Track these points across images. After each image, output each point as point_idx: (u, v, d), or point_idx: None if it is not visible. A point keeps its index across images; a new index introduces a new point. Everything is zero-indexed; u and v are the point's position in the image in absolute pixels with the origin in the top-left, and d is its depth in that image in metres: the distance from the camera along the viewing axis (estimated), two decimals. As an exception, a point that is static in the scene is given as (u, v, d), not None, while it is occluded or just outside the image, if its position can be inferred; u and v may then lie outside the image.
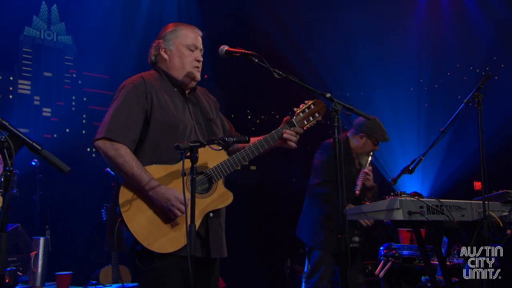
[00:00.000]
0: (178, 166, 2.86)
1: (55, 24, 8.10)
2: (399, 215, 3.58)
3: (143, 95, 2.95)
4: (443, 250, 4.30)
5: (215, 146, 2.86)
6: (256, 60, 2.94)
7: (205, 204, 2.91)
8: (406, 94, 9.31)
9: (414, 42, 9.28)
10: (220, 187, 2.96)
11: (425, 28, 9.22)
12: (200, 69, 3.16)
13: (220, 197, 2.95)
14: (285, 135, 3.08)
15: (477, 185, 8.73)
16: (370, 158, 4.89)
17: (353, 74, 9.24)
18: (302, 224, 5.01)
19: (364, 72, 9.20)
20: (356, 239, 4.82)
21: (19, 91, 7.72)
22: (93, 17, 7.99)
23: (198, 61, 3.13)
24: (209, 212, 2.94)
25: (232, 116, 8.94)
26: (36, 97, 7.84)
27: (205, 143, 2.68)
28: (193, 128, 3.03)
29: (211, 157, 2.94)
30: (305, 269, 5.85)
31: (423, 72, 9.29)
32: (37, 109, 7.83)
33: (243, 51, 2.99)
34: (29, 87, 7.80)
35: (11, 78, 7.69)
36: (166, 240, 2.79)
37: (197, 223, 2.85)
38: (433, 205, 3.72)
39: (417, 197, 3.70)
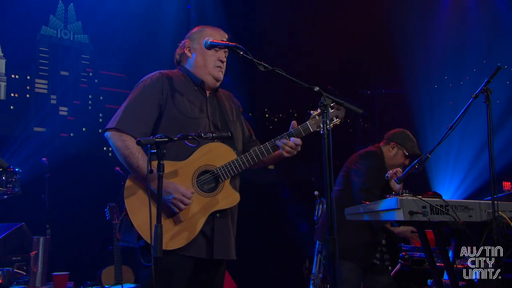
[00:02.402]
0: (185, 163, 2.88)
1: (71, 23, 8.15)
2: (399, 216, 3.42)
3: (159, 90, 2.98)
4: (450, 252, 4.06)
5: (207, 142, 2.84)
6: (241, 53, 2.87)
7: (209, 204, 2.87)
8: (429, 91, 8.99)
9: (438, 37, 8.95)
10: (226, 187, 2.92)
11: (449, 22, 8.89)
12: (223, 70, 3.17)
13: (226, 197, 2.91)
14: (277, 143, 2.98)
15: (507, 185, 8.43)
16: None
17: (375, 72, 9.00)
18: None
19: (385, 69, 8.95)
20: (377, 255, 4.56)
21: (36, 90, 7.80)
22: (110, 15, 7.98)
23: (221, 61, 3.12)
24: (216, 212, 2.90)
25: (250, 114, 8.86)
26: (53, 96, 7.91)
27: (175, 138, 2.61)
28: (208, 127, 3.01)
29: (219, 156, 2.93)
30: (313, 271, 5.69)
31: (447, 68, 8.96)
32: (54, 108, 7.90)
33: (226, 43, 3.00)
34: (46, 86, 7.87)
35: (28, 78, 7.78)
36: (168, 236, 2.77)
37: (201, 222, 2.84)
38: (437, 205, 3.53)
39: (420, 197, 3.51)
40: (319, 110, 2.98)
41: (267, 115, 9.47)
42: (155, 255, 2.39)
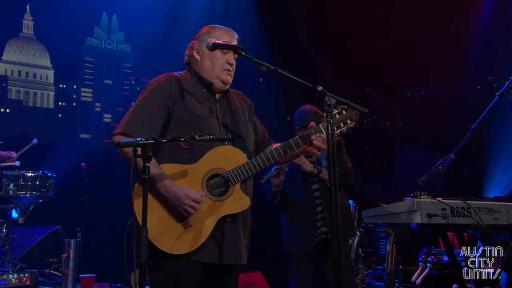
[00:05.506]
0: (194, 166, 2.81)
1: (114, 34, 8.46)
2: (417, 218, 3.36)
3: (167, 93, 2.91)
4: (477, 256, 3.94)
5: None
6: (243, 53, 2.85)
7: (219, 208, 2.80)
8: (472, 92, 8.71)
9: (481, 36, 8.66)
10: (237, 191, 2.83)
11: (493, 21, 8.60)
12: (232, 72, 3.06)
13: (236, 201, 2.82)
14: (313, 137, 2.86)
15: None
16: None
17: (414, 73, 8.80)
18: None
19: (425, 70, 8.74)
20: (323, 229, 4.30)
21: (82, 98, 8.16)
22: (150, 25, 8.23)
23: (229, 64, 3.03)
24: (226, 217, 2.83)
25: (288, 118, 8.85)
26: (97, 104, 8.24)
27: (163, 141, 2.58)
28: (217, 128, 2.93)
29: (230, 159, 2.84)
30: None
31: (491, 68, 8.64)
32: (99, 115, 8.23)
33: (228, 43, 2.89)
34: (91, 95, 8.21)
35: (74, 87, 8.13)
36: (178, 241, 2.72)
37: (210, 227, 2.77)
38: (457, 207, 3.44)
39: (439, 199, 3.43)
40: (334, 110, 2.86)
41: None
42: (139, 260, 2.35)
